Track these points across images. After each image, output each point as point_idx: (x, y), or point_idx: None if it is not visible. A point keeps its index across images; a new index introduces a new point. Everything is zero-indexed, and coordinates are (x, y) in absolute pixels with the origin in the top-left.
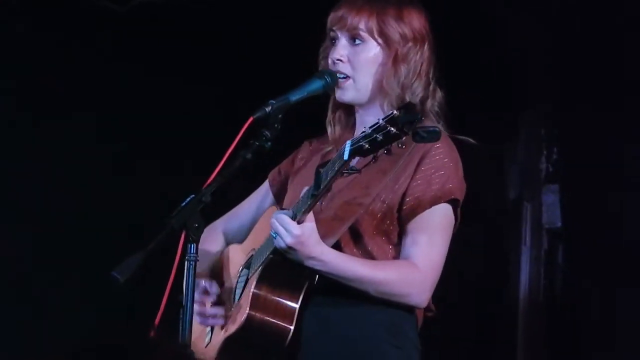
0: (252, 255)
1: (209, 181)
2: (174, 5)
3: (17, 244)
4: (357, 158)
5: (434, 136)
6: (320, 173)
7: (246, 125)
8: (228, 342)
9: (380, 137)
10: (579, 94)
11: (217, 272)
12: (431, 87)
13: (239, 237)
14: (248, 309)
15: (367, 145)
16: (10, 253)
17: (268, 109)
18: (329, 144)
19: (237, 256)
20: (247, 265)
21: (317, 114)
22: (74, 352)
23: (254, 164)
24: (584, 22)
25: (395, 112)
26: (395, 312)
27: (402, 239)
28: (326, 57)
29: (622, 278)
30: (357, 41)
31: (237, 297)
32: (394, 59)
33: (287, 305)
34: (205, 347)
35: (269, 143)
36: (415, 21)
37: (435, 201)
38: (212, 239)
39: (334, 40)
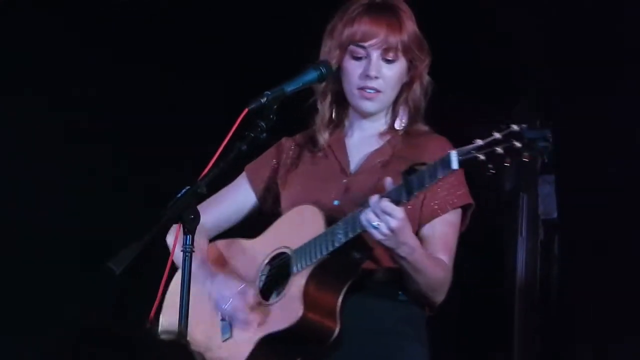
0: (283, 253)
1: (204, 172)
2: None
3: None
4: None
5: (547, 153)
6: (409, 180)
7: (241, 117)
8: (268, 339)
9: (501, 151)
10: (574, 84)
11: (219, 265)
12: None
13: (215, 230)
14: (302, 308)
15: (482, 157)
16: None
17: (263, 100)
18: (318, 145)
19: (254, 252)
20: (277, 264)
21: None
22: (73, 344)
23: (249, 155)
24: (579, 12)
25: (514, 126)
26: (415, 309)
27: (421, 240)
28: (331, 61)
29: (617, 268)
30: (390, 58)
31: (260, 293)
32: (420, 73)
33: (331, 304)
34: (224, 341)
35: (264, 134)
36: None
37: (453, 206)
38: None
39: (359, 56)
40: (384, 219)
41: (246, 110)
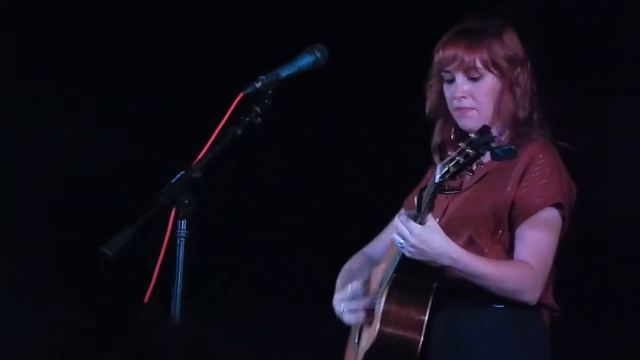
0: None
1: (199, 157)
2: None
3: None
4: (468, 176)
5: (510, 154)
6: (421, 196)
7: (236, 101)
8: (367, 357)
9: (462, 160)
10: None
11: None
12: (536, 100)
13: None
14: (379, 325)
15: (453, 169)
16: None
17: (258, 84)
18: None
19: (377, 274)
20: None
21: None
22: (71, 331)
23: (244, 139)
24: (576, 8)
25: (472, 135)
26: (519, 312)
27: (514, 242)
28: (435, 92)
29: (613, 261)
30: (475, 76)
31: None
32: (510, 85)
33: (415, 318)
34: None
35: (259, 119)
36: (516, 43)
37: (541, 206)
38: (357, 261)
39: (449, 79)
40: (405, 237)
41: (241, 94)
